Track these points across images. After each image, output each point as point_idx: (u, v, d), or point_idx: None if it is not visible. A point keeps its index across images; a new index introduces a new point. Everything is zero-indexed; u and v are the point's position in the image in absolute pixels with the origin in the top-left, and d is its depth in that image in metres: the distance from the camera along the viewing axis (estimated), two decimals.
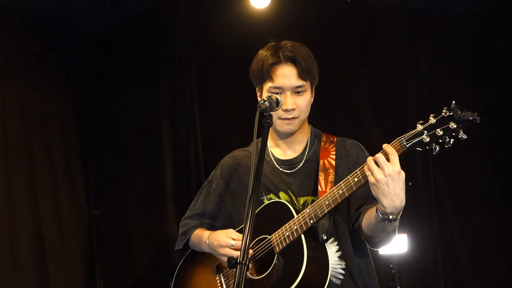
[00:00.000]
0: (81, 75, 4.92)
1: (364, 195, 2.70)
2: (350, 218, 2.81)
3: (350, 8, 4.59)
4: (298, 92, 2.84)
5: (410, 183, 4.40)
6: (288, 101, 2.81)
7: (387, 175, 2.43)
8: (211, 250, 2.89)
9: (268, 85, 2.85)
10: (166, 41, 4.86)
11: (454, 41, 4.49)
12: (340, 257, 2.80)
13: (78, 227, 4.77)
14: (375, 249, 2.79)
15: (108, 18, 4.72)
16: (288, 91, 2.83)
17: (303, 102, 2.85)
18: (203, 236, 2.97)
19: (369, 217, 2.63)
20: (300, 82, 2.83)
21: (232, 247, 2.78)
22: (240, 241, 2.31)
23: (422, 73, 4.54)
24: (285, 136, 2.95)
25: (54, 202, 4.58)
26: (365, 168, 2.49)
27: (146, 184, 4.83)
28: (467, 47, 4.49)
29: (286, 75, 2.83)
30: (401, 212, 2.51)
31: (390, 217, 2.49)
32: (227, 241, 2.81)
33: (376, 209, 2.53)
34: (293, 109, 2.82)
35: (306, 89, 2.86)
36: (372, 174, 2.45)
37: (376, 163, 2.45)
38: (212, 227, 3.06)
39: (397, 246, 4.34)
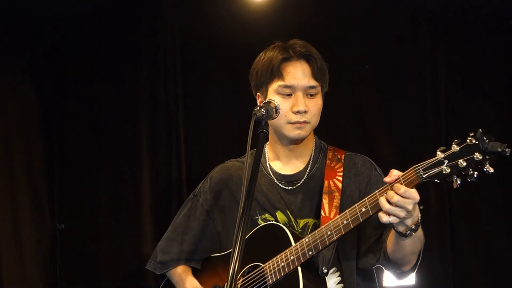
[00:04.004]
0: (45, 67, 4.87)
1: (381, 226, 2.69)
2: (371, 249, 2.81)
3: (361, 2, 4.57)
4: (311, 95, 2.84)
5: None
6: (300, 102, 2.80)
7: (409, 211, 2.46)
8: None
9: (276, 84, 2.83)
10: (147, 32, 4.83)
11: (486, 47, 4.44)
12: None
13: (39, 242, 4.75)
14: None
15: (76, 1, 4.67)
16: (300, 92, 2.82)
17: (315, 106, 2.85)
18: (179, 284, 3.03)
19: (392, 242, 2.66)
20: (314, 83, 2.83)
21: None
22: None
23: (441, 82, 4.50)
24: (288, 147, 2.94)
25: (11, 211, 4.56)
26: (381, 216, 2.49)
27: (119, 196, 4.80)
28: (501, 55, 4.45)
29: (298, 72, 2.83)
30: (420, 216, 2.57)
31: (413, 226, 2.54)
32: None
33: (394, 229, 2.56)
34: (305, 112, 2.80)
35: (318, 92, 2.86)
36: (395, 215, 2.47)
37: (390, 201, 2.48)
38: (195, 254, 3.09)
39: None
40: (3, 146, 4.56)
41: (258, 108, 2.60)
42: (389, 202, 2.47)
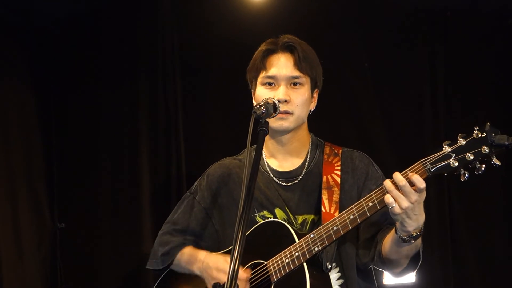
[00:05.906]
0: (45, 69, 4.87)
1: (380, 221, 2.69)
2: (363, 247, 2.81)
3: (360, 2, 4.57)
4: (294, 84, 2.84)
5: None
6: (281, 91, 2.81)
7: (414, 201, 2.46)
8: (203, 271, 2.86)
9: (261, 76, 2.87)
10: (147, 33, 4.82)
11: (485, 47, 4.42)
12: (341, 286, 2.79)
13: (39, 242, 4.75)
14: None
15: (76, 2, 4.68)
16: (283, 82, 2.84)
17: (299, 96, 2.84)
18: (198, 255, 2.93)
19: (389, 244, 2.66)
20: (297, 73, 2.84)
21: None
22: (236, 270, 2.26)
23: (440, 82, 4.49)
24: (281, 143, 2.93)
25: (11, 211, 4.56)
26: (386, 197, 2.49)
27: (119, 195, 4.80)
28: (500, 55, 4.42)
29: (281, 63, 2.85)
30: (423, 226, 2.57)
31: (414, 234, 2.54)
32: (225, 265, 2.76)
33: (396, 232, 2.55)
34: (286, 101, 2.80)
35: (303, 83, 2.86)
36: (397, 203, 2.45)
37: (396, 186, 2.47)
38: (197, 245, 3.03)
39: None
40: (3, 146, 4.55)
41: (257, 106, 2.61)
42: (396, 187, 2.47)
